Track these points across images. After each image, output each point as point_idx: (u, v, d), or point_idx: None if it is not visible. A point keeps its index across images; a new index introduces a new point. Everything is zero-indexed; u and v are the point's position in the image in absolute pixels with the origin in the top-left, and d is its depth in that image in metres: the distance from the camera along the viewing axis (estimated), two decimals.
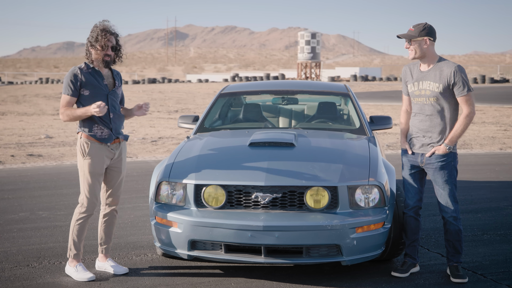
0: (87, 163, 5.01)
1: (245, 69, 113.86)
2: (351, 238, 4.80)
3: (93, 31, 5.03)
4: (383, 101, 29.99)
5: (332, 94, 7.22)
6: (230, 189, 4.97)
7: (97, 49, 5.00)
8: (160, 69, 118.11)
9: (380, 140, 14.93)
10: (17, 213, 7.29)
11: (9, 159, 12.06)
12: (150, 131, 17.92)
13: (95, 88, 5.00)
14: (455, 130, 4.97)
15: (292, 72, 70.94)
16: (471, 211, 7.51)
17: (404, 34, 5.03)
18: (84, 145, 5.01)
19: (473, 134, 16.80)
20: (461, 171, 10.38)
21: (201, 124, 6.61)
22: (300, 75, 63.70)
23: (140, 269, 5.28)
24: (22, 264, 5.39)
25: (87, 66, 5.06)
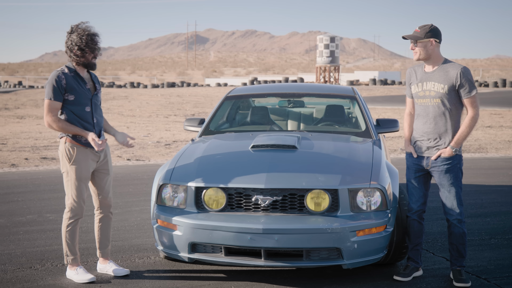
0: (74, 168, 4.99)
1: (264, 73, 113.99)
2: (352, 242, 4.76)
3: (80, 35, 4.95)
4: (400, 105, 29.81)
5: (339, 97, 7.19)
6: (230, 191, 4.96)
7: (87, 52, 4.97)
8: (180, 73, 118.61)
9: (394, 144, 14.87)
10: (25, 216, 7.34)
11: (22, 162, 12.16)
12: (165, 135, 17.97)
13: (79, 93, 4.97)
14: (461, 132, 4.92)
15: (311, 76, 70.83)
16: (480, 215, 7.42)
17: (410, 35, 4.99)
18: (70, 150, 4.98)
19: (490, 138, 16.63)
20: (474, 175, 10.30)
21: (206, 127, 6.61)
22: (318, 79, 63.57)
23: (141, 272, 5.28)
24: (25, 266, 5.42)
25: (69, 70, 5.01)
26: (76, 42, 4.95)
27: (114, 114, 26.43)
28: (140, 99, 38.46)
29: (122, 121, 22.99)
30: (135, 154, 13.41)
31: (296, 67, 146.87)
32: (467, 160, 12.39)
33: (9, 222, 7.05)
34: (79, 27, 5.01)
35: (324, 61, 62.90)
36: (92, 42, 4.97)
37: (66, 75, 4.96)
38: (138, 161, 12.44)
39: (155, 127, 20.61)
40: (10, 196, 8.52)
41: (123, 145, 5.24)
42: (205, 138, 6.22)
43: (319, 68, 64.01)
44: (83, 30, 4.98)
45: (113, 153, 13.61)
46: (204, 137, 6.36)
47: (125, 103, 34.52)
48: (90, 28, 5.02)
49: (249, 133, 6.25)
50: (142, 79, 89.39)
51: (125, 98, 39.17)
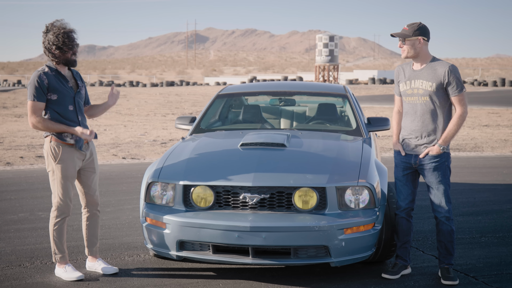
0: (60, 167, 4.97)
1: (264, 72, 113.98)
2: (339, 240, 4.76)
3: (56, 33, 4.90)
4: None
5: (330, 96, 7.20)
6: (218, 189, 4.96)
7: (65, 50, 4.93)
8: (179, 72, 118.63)
9: (390, 143, 14.86)
10: (17, 214, 7.34)
11: (17, 160, 12.16)
12: (162, 133, 17.98)
13: (61, 92, 4.94)
14: (449, 130, 4.92)
15: (310, 75, 70.84)
16: (472, 213, 7.42)
17: (398, 32, 4.99)
18: (55, 148, 4.96)
19: (486, 137, 16.64)
20: (468, 173, 10.31)
21: (197, 125, 6.61)
22: (318, 78, 63.56)
23: (130, 270, 5.28)
24: (14, 264, 5.42)
25: (50, 69, 4.98)
26: (53, 41, 4.90)
27: (112, 113, 26.43)
28: (138, 98, 38.48)
29: (120, 120, 23.01)
30: (130, 153, 13.42)
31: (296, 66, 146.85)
32: (462, 159, 12.41)
33: (0, 220, 7.05)
34: (54, 25, 4.95)
35: (323, 60, 62.89)
36: (69, 39, 4.92)
37: (47, 74, 4.93)
38: (133, 159, 12.44)
39: (152, 125, 20.62)
40: (3, 194, 8.53)
41: (115, 99, 5.22)
42: (196, 136, 6.23)
43: (318, 67, 64.00)
44: (58, 28, 4.93)
45: (108, 151, 13.63)
46: (194, 135, 6.37)
47: (123, 102, 34.53)
48: (66, 25, 4.97)
49: (239, 131, 6.25)
50: (141, 78, 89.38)
51: (123, 97, 39.17)
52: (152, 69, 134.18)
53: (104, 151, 13.63)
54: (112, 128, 19.83)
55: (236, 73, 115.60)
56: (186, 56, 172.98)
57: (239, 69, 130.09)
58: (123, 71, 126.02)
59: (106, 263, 5.30)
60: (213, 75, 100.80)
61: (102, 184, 9.17)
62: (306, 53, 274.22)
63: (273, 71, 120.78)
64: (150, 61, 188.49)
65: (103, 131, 18.83)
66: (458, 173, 10.37)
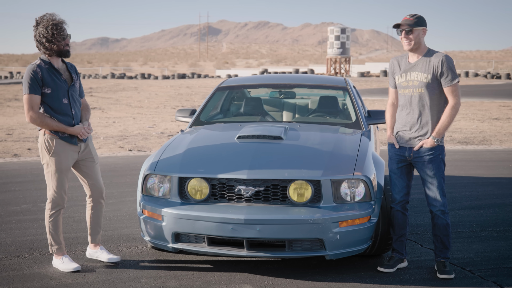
0: (54, 160, 4.99)
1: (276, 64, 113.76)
2: (334, 232, 4.76)
3: (45, 26, 4.91)
4: None
5: (330, 88, 7.18)
6: (213, 182, 4.97)
7: (55, 42, 4.93)
8: (191, 65, 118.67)
9: None
10: (20, 205, 7.40)
11: (25, 152, 12.24)
12: (170, 126, 18.01)
13: (56, 85, 4.95)
14: (442, 122, 4.89)
15: (322, 68, 70.65)
16: (474, 207, 7.39)
17: (404, 23, 4.89)
18: (49, 141, 4.98)
19: (495, 130, 16.54)
20: (474, 167, 10.26)
21: (197, 118, 6.62)
22: (329, 70, 63.38)
23: (127, 261, 5.31)
24: (13, 255, 5.46)
25: (44, 62, 4.99)
26: (44, 34, 4.91)
27: (122, 105, 26.53)
28: (149, 90, 38.55)
29: (129, 112, 23.08)
30: (137, 145, 13.46)
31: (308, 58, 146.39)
32: (469, 152, 12.35)
33: (3, 211, 7.11)
34: (43, 18, 4.96)
35: (334, 52, 62.69)
36: (58, 31, 4.91)
37: (41, 67, 4.94)
38: (140, 151, 12.48)
39: (161, 118, 20.66)
40: (8, 185, 8.59)
41: (82, 133, 5.09)
42: (195, 129, 6.24)
43: (329, 59, 63.81)
44: (47, 20, 4.93)
45: (115, 143, 13.68)
46: (194, 127, 6.38)
47: (134, 94, 34.62)
48: (55, 17, 4.97)
49: (237, 124, 6.26)
50: (153, 71, 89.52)
51: (134, 89, 39.28)
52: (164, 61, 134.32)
53: (111, 143, 13.69)
54: (121, 120, 19.90)
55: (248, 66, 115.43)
56: (199, 49, 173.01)
57: (251, 62, 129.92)
58: (135, 63, 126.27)
59: (108, 251, 5.33)
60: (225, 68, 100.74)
61: (106, 176, 9.22)
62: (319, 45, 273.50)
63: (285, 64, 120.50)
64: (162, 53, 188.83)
65: (112, 123, 18.91)
66: (464, 167, 10.32)
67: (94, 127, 17.61)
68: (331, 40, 63.06)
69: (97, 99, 30.67)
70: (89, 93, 34.86)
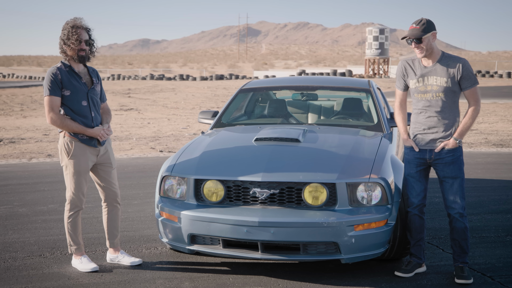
0: (72, 162, 5.06)
1: (315, 65, 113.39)
2: (349, 236, 4.72)
3: (64, 28, 5.01)
4: None
5: (353, 90, 7.13)
6: (228, 184, 4.98)
7: (70, 46, 4.99)
8: (230, 66, 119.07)
9: None
10: (47, 205, 7.53)
11: (58, 152, 12.44)
12: (204, 127, 18.09)
13: (75, 88, 5.02)
14: (464, 123, 4.87)
15: (360, 68, 70.16)
16: (501, 211, 7.24)
17: (412, 34, 4.85)
18: (68, 144, 5.04)
19: None
20: (506, 170, 10.07)
21: (218, 120, 6.65)
22: (367, 71, 62.91)
23: (145, 262, 5.35)
24: (36, 254, 5.56)
25: (64, 65, 5.06)
26: (62, 37, 5.02)
27: (159, 106, 26.79)
28: (186, 91, 38.85)
29: (165, 113, 23.28)
30: (168, 146, 13.57)
31: (348, 59, 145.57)
32: (503, 155, 12.12)
33: (30, 211, 7.24)
34: (68, 22, 5.06)
35: (373, 53, 62.20)
36: (73, 35, 4.97)
37: (61, 70, 5.02)
38: (170, 152, 12.58)
39: (195, 119, 20.78)
40: (39, 185, 8.75)
41: (101, 135, 5.14)
42: (215, 131, 6.27)
43: (368, 60, 63.34)
44: (68, 23, 5.02)
45: (147, 144, 13.81)
46: (215, 129, 6.41)
47: (171, 95, 34.94)
48: (76, 21, 5.04)
49: (257, 126, 6.26)
50: (192, 72, 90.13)
51: (172, 90, 39.63)
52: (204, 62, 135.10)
53: (143, 144, 13.83)
54: (156, 121, 20.09)
55: (287, 67, 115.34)
56: (238, 50, 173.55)
57: (290, 63, 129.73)
58: (175, 64, 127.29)
59: (129, 255, 5.38)
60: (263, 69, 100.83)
61: (134, 177, 9.33)
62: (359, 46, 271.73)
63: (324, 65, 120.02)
64: (202, 54, 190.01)
65: (147, 124, 19.10)
66: (496, 170, 10.13)
67: (129, 128, 17.83)
68: (369, 41, 62.58)
69: (135, 100, 31.04)
70: (127, 94, 35.32)
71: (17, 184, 8.83)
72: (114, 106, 26.47)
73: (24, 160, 11.46)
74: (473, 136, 15.18)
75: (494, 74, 59.17)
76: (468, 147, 13.40)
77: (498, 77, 57.74)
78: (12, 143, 13.89)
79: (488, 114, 21.51)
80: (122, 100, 30.76)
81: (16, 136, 15.30)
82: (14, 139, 14.71)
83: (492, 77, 58.24)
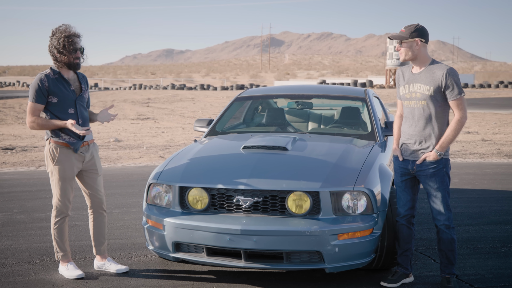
0: (57, 169, 5.09)
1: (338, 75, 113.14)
2: (333, 245, 4.67)
3: (58, 37, 5.03)
4: None
5: (348, 99, 7.09)
6: (213, 192, 4.96)
7: (65, 54, 5.03)
8: (252, 76, 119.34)
9: None
10: (45, 212, 7.57)
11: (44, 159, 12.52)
12: None
13: (63, 95, 5.05)
14: (446, 135, 4.75)
15: (381, 79, 69.87)
16: (500, 222, 7.13)
17: (395, 35, 4.86)
18: (53, 150, 5.07)
19: None
20: (504, 181, 9.92)
21: (212, 128, 6.65)
22: (388, 81, 62.60)
23: (133, 270, 5.34)
24: (25, 261, 5.59)
25: (53, 72, 5.10)
26: (55, 45, 5.03)
27: (176, 116, 26.89)
28: (205, 101, 38.98)
29: (181, 122, 23.35)
30: None
31: (371, 70, 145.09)
32: (505, 166, 11.94)
33: (28, 218, 7.29)
34: (58, 29, 5.08)
35: (394, 63, 61.88)
36: (69, 43, 5.02)
37: (48, 77, 5.05)
38: None
39: None
40: (41, 193, 8.81)
41: (108, 121, 5.31)
42: (208, 139, 6.27)
43: (389, 70, 63.07)
44: (61, 32, 5.05)
45: (156, 153, 13.86)
46: (208, 137, 6.40)
47: (189, 105, 35.07)
48: (69, 30, 5.08)
49: (249, 134, 6.24)
50: (214, 82, 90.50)
51: (191, 100, 39.79)
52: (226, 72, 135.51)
53: (152, 153, 13.88)
54: (170, 130, 20.16)
55: (309, 77, 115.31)
56: (261, 60, 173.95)
57: (313, 73, 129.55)
58: (197, 74, 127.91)
59: (116, 262, 5.39)
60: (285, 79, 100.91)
61: (137, 185, 9.36)
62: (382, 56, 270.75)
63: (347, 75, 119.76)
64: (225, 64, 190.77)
65: (161, 133, 19.17)
66: (503, 180, 9.99)
67: (143, 136, 17.90)
68: (390, 51, 62.29)
69: (153, 109, 31.21)
70: (146, 104, 35.53)
71: (20, 192, 8.91)
72: (131, 115, 26.65)
73: (32, 168, 11.56)
74: (486, 147, 15.00)
75: None
76: (479, 157, 13.24)
77: None
78: (24, 151, 14.03)
79: (505, 124, 21.26)
80: (141, 110, 30.94)
81: (30, 145, 15.44)
82: (27, 147, 14.86)
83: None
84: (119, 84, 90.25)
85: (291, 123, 6.94)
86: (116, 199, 8.41)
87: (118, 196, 8.62)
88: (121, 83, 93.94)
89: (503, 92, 49.66)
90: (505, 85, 58.82)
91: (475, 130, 19.43)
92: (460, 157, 13.30)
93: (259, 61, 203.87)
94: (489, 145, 15.47)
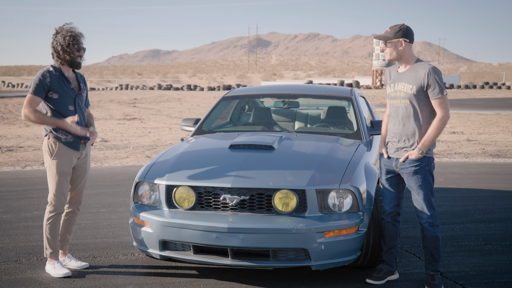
0: (55, 163, 5.13)
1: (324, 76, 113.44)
2: (319, 243, 4.71)
3: (64, 35, 5.10)
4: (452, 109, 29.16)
5: (334, 98, 7.14)
6: (199, 190, 4.99)
7: (70, 52, 5.11)
8: (239, 76, 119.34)
9: None
10: (32, 211, 7.56)
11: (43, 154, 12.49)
12: None
13: (64, 92, 5.12)
14: (428, 134, 4.80)
15: (368, 79, 70.12)
16: (485, 220, 7.20)
17: (380, 35, 4.92)
18: (52, 145, 5.13)
19: None
20: (497, 180, 10.03)
21: (199, 127, 6.67)
22: (374, 82, 62.85)
23: (119, 268, 5.37)
24: (11, 260, 5.58)
25: (55, 69, 5.17)
26: (61, 42, 5.11)
27: (163, 116, 26.84)
28: (192, 101, 38.94)
29: (168, 123, 23.32)
30: None
31: (357, 70, 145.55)
32: (497, 165, 12.06)
33: (14, 217, 7.27)
34: (63, 28, 5.17)
35: (380, 64, 62.15)
36: (74, 42, 5.12)
37: (51, 73, 5.13)
38: None
39: None
40: (27, 192, 8.79)
41: (86, 136, 5.26)
42: (194, 138, 6.29)
43: (375, 71, 63.32)
44: (67, 31, 5.14)
45: (143, 153, 13.85)
46: (195, 136, 6.43)
47: (176, 105, 35.01)
48: (74, 29, 5.18)
49: (235, 133, 6.27)
50: (201, 82, 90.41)
51: (178, 100, 39.73)
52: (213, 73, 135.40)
53: (139, 153, 13.87)
54: (157, 130, 20.14)
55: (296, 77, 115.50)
56: (248, 60, 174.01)
57: (299, 74, 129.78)
58: (184, 75, 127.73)
59: (76, 258, 5.45)
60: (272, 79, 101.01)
61: (123, 185, 9.36)
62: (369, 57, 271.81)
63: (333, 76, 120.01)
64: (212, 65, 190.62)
65: (148, 133, 19.15)
66: (487, 180, 10.09)
67: (130, 137, 17.88)
68: (376, 51, 62.56)
69: (139, 109, 31.14)
70: (133, 104, 35.44)
71: (5, 191, 8.88)
72: (118, 116, 26.58)
73: (18, 167, 11.52)
74: (471, 147, 15.12)
75: (502, 85, 59.00)
76: (464, 157, 13.35)
77: (505, 88, 57.57)
78: (9, 151, 13.98)
79: (490, 125, 21.42)
80: (127, 110, 30.86)
81: (15, 145, 15.38)
82: (13, 147, 14.80)
83: (499, 88, 58.09)
84: (105, 84, 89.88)
85: (277, 122, 6.98)
86: (103, 198, 8.41)
87: (105, 195, 8.62)
88: (108, 83, 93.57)
89: (488, 93, 50.00)
90: (490, 86, 59.23)
91: (460, 130, 19.58)
92: (445, 156, 13.41)
93: (246, 62, 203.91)
94: (474, 145, 15.60)
